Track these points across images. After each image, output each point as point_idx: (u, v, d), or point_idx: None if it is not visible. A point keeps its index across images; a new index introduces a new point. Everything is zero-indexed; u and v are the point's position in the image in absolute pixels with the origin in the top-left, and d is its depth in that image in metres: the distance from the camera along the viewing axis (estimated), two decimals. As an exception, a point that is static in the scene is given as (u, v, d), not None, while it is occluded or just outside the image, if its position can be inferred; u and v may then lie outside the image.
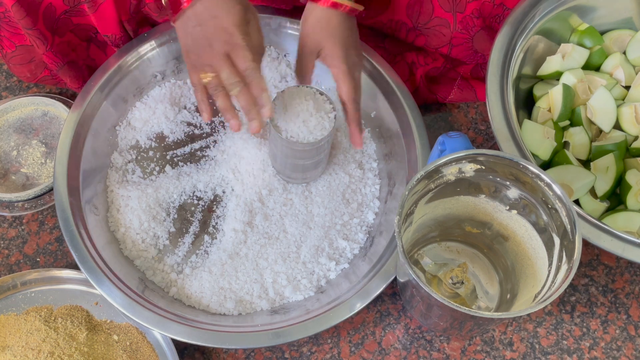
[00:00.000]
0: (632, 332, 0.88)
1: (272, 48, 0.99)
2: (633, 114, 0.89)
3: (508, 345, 0.87)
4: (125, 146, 0.94)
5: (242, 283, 0.85)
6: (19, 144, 0.97)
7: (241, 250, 0.87)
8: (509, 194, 0.76)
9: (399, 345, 0.87)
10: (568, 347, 0.87)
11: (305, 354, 0.86)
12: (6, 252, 0.92)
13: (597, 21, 0.96)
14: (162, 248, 0.88)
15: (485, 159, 0.73)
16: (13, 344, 0.80)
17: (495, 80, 0.85)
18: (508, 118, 0.83)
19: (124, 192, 0.89)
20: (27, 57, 0.95)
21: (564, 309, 0.90)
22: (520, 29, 0.88)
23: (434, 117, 1.02)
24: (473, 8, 0.90)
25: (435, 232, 0.87)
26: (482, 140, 1.01)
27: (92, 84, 0.92)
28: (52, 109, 0.99)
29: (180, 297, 0.85)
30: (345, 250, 0.88)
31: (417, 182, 0.71)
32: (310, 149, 0.81)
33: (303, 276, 0.86)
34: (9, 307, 0.86)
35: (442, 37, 0.93)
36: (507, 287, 0.84)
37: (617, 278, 0.92)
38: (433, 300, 0.70)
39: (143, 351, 0.83)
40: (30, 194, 0.92)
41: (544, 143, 0.87)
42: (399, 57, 1.00)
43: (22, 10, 0.84)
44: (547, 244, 0.74)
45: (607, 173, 0.87)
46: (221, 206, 0.91)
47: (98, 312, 0.86)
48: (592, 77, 0.93)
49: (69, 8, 0.88)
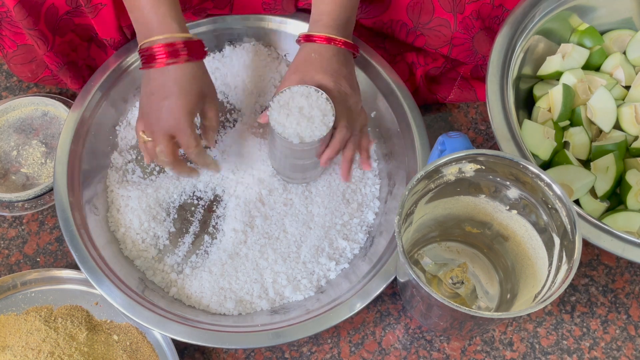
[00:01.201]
0: (632, 332, 0.88)
1: (272, 48, 0.99)
2: (633, 114, 0.89)
3: (508, 345, 0.87)
4: (125, 146, 0.94)
5: (242, 283, 0.85)
6: (19, 144, 0.97)
7: (241, 250, 0.87)
8: (509, 194, 0.76)
9: (399, 345, 0.87)
10: (568, 347, 0.87)
11: (305, 354, 0.86)
12: (6, 252, 0.92)
13: (597, 21, 0.96)
14: (162, 248, 0.88)
15: (485, 159, 0.73)
16: (13, 344, 0.80)
17: (495, 80, 0.85)
18: (508, 118, 0.83)
19: (124, 192, 0.89)
20: (28, 57, 0.95)
21: (564, 309, 0.90)
22: (520, 29, 0.88)
23: (434, 117, 1.02)
24: (472, 9, 0.90)
25: (435, 232, 0.87)
26: (482, 140, 1.01)
27: (92, 84, 0.92)
28: (52, 109, 0.99)
29: (180, 297, 0.85)
30: (345, 250, 0.88)
31: (417, 182, 0.71)
32: (310, 149, 0.81)
33: (303, 276, 0.86)
34: (9, 307, 0.86)
35: (442, 38, 0.93)
36: (507, 287, 0.84)
37: (617, 278, 0.92)
38: (433, 300, 0.70)
39: (143, 351, 0.83)
40: (30, 194, 0.92)
41: (544, 143, 0.87)
42: (399, 58, 1.00)
43: (24, 11, 0.84)
44: (547, 244, 0.74)
45: (607, 173, 0.87)
46: (221, 206, 0.91)
47: (98, 312, 0.86)
48: (592, 77, 0.93)
49: (72, 9, 0.88)
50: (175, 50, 0.77)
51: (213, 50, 0.99)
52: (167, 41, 0.77)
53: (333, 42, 0.82)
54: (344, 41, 0.83)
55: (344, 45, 0.83)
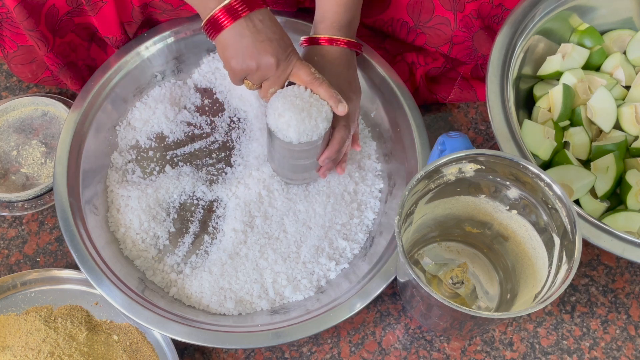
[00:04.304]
0: (632, 332, 0.88)
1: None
2: (633, 114, 0.89)
3: (508, 345, 0.87)
4: (125, 146, 0.94)
5: (242, 283, 0.85)
6: (19, 144, 0.97)
7: (241, 250, 0.87)
8: (509, 194, 0.76)
9: (399, 345, 0.87)
10: (568, 347, 0.87)
11: (305, 354, 0.86)
12: (6, 252, 0.92)
13: (597, 21, 0.96)
14: (162, 248, 0.88)
15: (485, 159, 0.73)
16: (13, 344, 0.80)
17: (495, 80, 0.85)
18: (508, 118, 0.83)
19: (124, 192, 0.89)
20: (29, 58, 0.95)
21: (564, 309, 0.90)
22: (520, 29, 0.88)
23: (434, 117, 1.02)
24: (472, 8, 0.90)
25: (435, 232, 0.87)
26: (482, 140, 1.01)
27: (92, 84, 0.92)
28: (52, 109, 0.99)
29: (180, 297, 0.85)
30: (345, 250, 0.88)
31: (417, 182, 0.71)
32: (309, 149, 0.81)
33: (303, 276, 0.86)
34: (9, 307, 0.86)
35: (442, 36, 0.93)
36: (507, 287, 0.84)
37: (617, 278, 0.92)
38: (433, 300, 0.70)
39: (143, 351, 0.83)
40: (30, 194, 0.92)
41: (544, 143, 0.87)
42: (399, 57, 1.00)
43: (24, 12, 0.84)
44: (547, 244, 0.74)
45: (607, 173, 0.87)
46: (221, 206, 0.91)
47: (98, 312, 0.86)
48: (592, 77, 0.93)
49: (72, 9, 0.88)
50: (233, 9, 0.75)
51: (213, 50, 0.99)
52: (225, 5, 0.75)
53: (335, 43, 0.83)
54: (346, 41, 0.83)
55: (346, 44, 0.83)
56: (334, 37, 0.83)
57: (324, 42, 0.83)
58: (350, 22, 0.84)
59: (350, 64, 0.84)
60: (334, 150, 0.82)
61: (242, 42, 0.76)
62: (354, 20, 0.85)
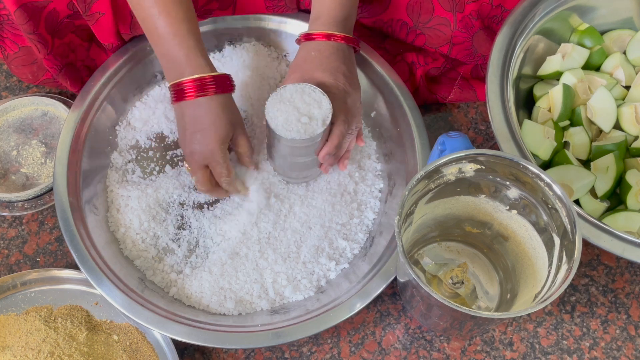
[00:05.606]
0: (632, 332, 0.88)
1: (272, 48, 0.99)
2: (633, 114, 0.89)
3: (508, 345, 0.87)
4: (125, 146, 0.94)
5: (242, 283, 0.85)
6: (19, 144, 0.97)
7: (241, 250, 0.87)
8: (509, 194, 0.76)
9: (399, 345, 0.87)
10: (568, 347, 0.87)
11: (305, 354, 0.86)
12: (6, 252, 0.92)
13: (597, 21, 0.96)
14: (162, 248, 0.88)
15: (485, 159, 0.73)
16: (13, 344, 0.80)
17: (495, 80, 0.85)
18: (508, 118, 0.83)
19: (124, 192, 0.89)
20: (30, 59, 0.94)
21: (564, 309, 0.90)
22: (520, 29, 0.88)
23: (434, 117, 1.02)
24: (471, 9, 0.90)
25: (435, 232, 0.87)
26: (482, 140, 1.01)
27: (92, 84, 0.92)
28: (52, 109, 0.99)
29: (180, 297, 0.85)
30: (345, 250, 0.88)
31: (417, 182, 0.71)
32: (308, 145, 0.81)
33: (303, 276, 0.86)
34: (8, 307, 0.86)
35: (442, 36, 0.93)
36: (507, 287, 0.84)
37: (617, 278, 0.92)
38: (433, 300, 0.70)
39: (143, 351, 0.83)
40: (30, 194, 0.92)
41: (544, 143, 0.87)
42: (399, 57, 1.00)
43: (25, 15, 0.84)
44: (547, 244, 0.74)
45: (607, 173, 0.87)
46: (221, 206, 0.90)
47: (98, 312, 0.86)
48: (592, 77, 0.93)
49: (73, 13, 0.88)
50: (204, 85, 0.80)
51: (213, 50, 0.99)
52: (196, 77, 0.80)
53: (332, 39, 0.83)
54: (343, 36, 0.83)
55: (343, 40, 0.83)
56: (330, 32, 0.83)
57: (321, 37, 0.83)
58: (347, 19, 0.84)
59: (347, 59, 0.84)
60: (333, 146, 0.82)
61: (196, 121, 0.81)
62: (350, 17, 0.85)
